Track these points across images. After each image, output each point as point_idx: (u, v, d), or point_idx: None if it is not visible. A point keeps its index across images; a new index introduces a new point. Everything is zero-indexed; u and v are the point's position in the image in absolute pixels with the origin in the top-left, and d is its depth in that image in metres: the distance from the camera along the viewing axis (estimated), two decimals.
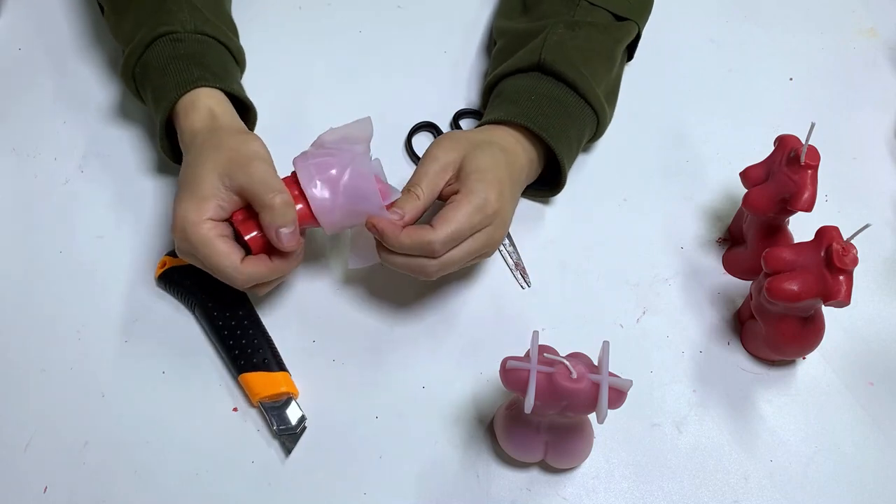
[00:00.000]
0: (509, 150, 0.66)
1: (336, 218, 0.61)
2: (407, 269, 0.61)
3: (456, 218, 0.59)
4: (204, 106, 0.65)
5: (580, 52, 0.70)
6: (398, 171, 0.75)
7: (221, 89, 0.67)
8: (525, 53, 0.71)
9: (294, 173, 0.62)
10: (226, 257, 0.59)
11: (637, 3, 0.76)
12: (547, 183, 0.73)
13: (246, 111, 0.71)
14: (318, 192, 0.61)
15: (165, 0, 0.69)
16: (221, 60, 0.70)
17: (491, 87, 0.73)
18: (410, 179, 0.63)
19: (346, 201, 0.61)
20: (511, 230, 0.72)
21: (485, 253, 0.63)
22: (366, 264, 0.65)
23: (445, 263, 0.60)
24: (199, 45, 0.69)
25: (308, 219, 0.61)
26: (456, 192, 0.61)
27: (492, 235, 0.62)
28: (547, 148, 0.68)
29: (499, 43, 0.77)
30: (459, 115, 0.79)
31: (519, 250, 0.72)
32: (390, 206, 0.61)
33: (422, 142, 0.78)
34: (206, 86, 0.66)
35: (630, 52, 0.78)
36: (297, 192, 0.61)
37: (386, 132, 0.77)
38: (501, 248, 0.72)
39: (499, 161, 0.63)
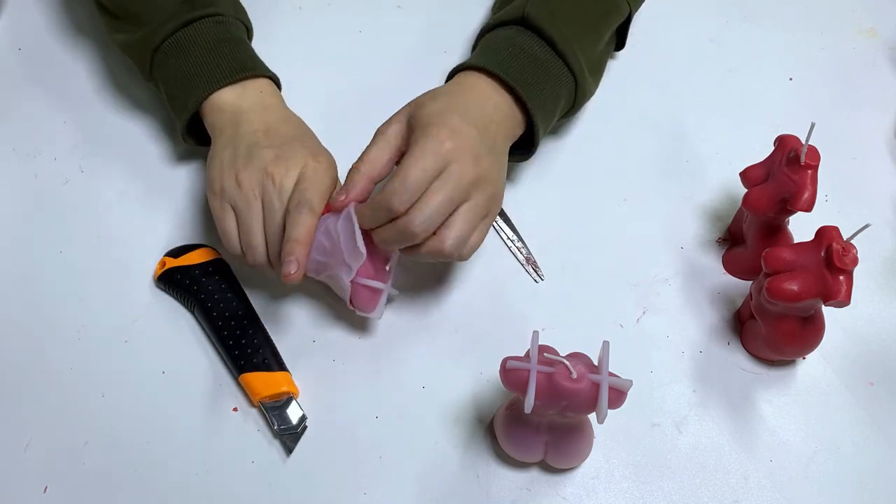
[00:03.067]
0: (473, 91, 0.64)
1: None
2: (395, 238, 0.59)
3: (402, 167, 0.58)
4: (276, 99, 0.69)
5: (565, 15, 0.68)
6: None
7: (274, 81, 0.71)
8: (511, 8, 0.70)
9: None
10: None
11: None
12: (521, 147, 0.69)
13: None
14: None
15: None
16: (247, 44, 0.72)
17: (474, 45, 0.72)
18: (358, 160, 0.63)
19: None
20: None
21: (469, 198, 0.59)
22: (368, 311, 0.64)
23: (424, 214, 0.57)
24: (240, 32, 0.71)
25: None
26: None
27: (463, 171, 0.58)
28: (523, 108, 0.66)
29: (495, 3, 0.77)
30: None
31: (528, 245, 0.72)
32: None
33: None
34: (264, 76, 0.69)
35: (621, 39, 0.77)
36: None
37: None
38: (510, 243, 0.72)
39: (448, 104, 0.61)
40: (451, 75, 0.68)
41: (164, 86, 0.69)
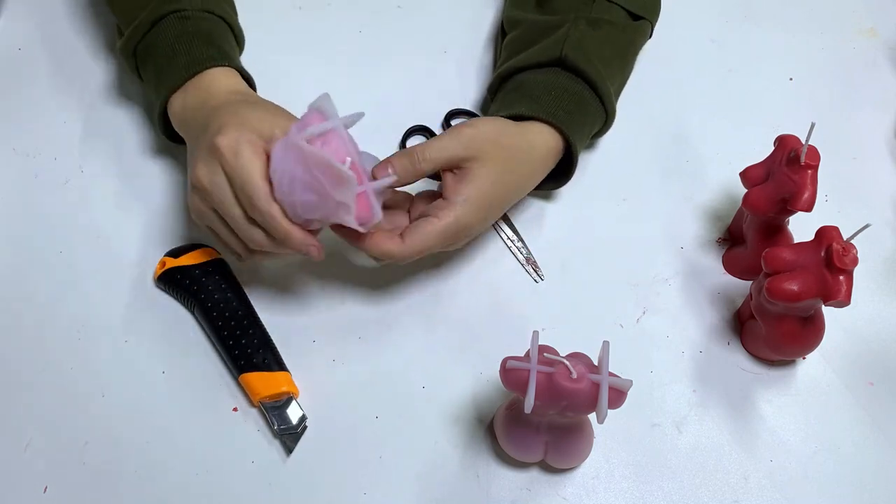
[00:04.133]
0: (536, 158, 0.66)
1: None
2: (376, 254, 0.61)
3: (427, 238, 0.60)
4: (224, 85, 0.66)
5: (599, 51, 0.70)
6: None
7: (235, 68, 0.68)
8: (545, 48, 0.70)
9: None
10: (264, 181, 0.57)
11: (650, 1, 0.76)
12: (551, 177, 0.71)
13: None
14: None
15: None
16: (227, 40, 0.70)
17: (503, 78, 0.72)
18: (424, 146, 0.61)
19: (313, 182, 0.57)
20: None
21: (456, 242, 0.64)
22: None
23: (413, 254, 0.61)
24: (206, 23, 0.69)
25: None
26: (449, 179, 0.62)
27: (472, 233, 0.63)
28: (566, 145, 0.68)
29: (512, 33, 0.76)
30: (451, 115, 0.79)
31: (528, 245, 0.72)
32: (383, 163, 0.60)
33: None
34: (218, 65, 0.66)
35: None
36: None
37: (385, 132, 0.77)
38: (510, 244, 0.72)
39: (499, 185, 0.63)
40: (512, 115, 0.67)
41: (146, 87, 0.70)
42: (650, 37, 0.78)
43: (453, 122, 0.79)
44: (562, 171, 0.71)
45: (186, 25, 0.68)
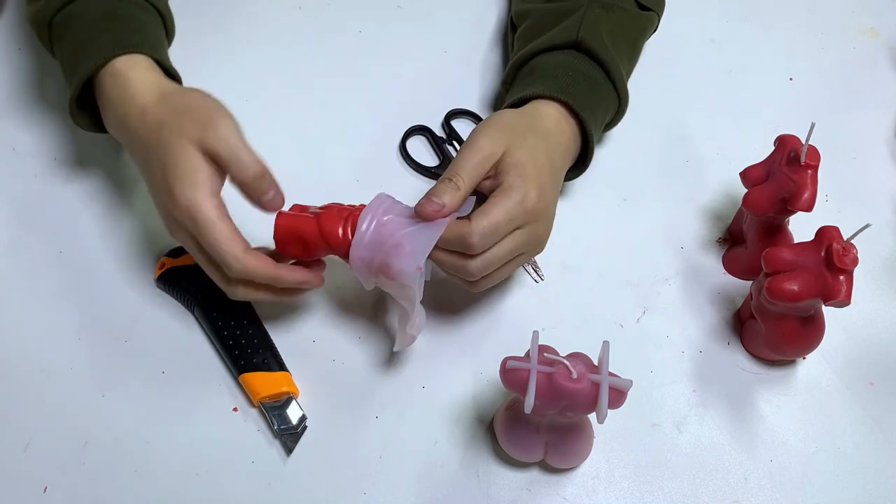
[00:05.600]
0: (552, 133, 0.64)
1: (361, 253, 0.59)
2: (449, 266, 0.60)
3: (493, 212, 0.57)
4: (145, 77, 0.62)
5: (612, 36, 0.70)
6: (393, 172, 0.76)
7: (158, 62, 0.64)
8: (561, 31, 0.70)
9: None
10: (230, 241, 0.57)
11: None
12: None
13: None
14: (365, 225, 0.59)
15: None
16: (157, 30, 0.68)
17: (519, 66, 0.72)
18: (450, 167, 0.60)
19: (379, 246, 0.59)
20: None
21: (530, 250, 0.62)
22: (411, 343, 0.63)
23: (487, 261, 0.58)
24: (138, 10, 0.66)
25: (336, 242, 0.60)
26: (495, 186, 0.60)
27: (535, 232, 0.60)
28: (582, 131, 0.67)
29: (523, 24, 0.76)
30: (451, 116, 0.79)
31: None
32: (426, 199, 0.59)
33: (415, 145, 0.78)
34: (144, 53, 0.63)
35: None
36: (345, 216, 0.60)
37: (385, 132, 0.77)
38: None
39: (539, 152, 0.61)
40: (523, 100, 0.67)
41: (60, 62, 0.66)
42: (656, 30, 0.78)
43: (453, 123, 0.79)
44: (579, 160, 0.70)
45: (107, 5, 0.64)
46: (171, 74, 0.66)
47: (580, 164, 0.70)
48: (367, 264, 0.59)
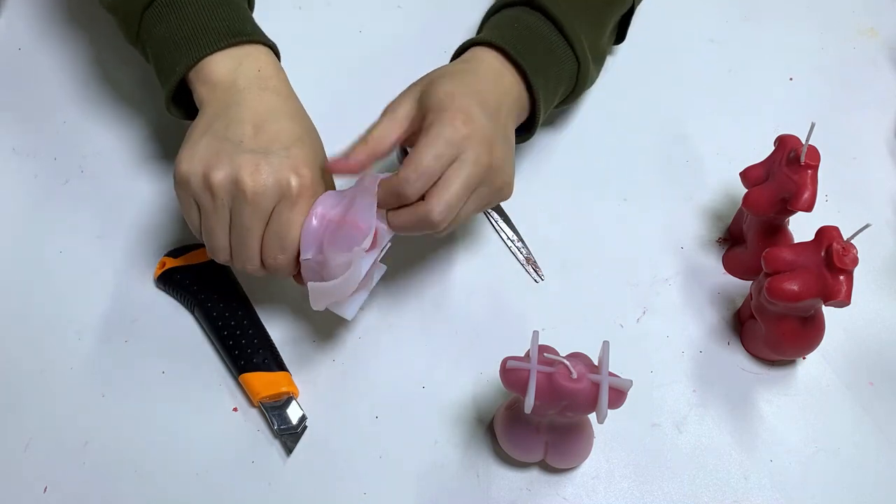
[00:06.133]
0: (484, 70, 0.62)
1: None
2: (411, 225, 0.57)
3: (417, 151, 0.55)
4: (274, 68, 0.64)
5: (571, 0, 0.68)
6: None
7: (273, 50, 0.65)
8: None
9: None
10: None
11: None
12: (519, 128, 0.66)
13: None
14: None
15: None
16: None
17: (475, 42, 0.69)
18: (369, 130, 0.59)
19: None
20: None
21: (487, 181, 0.58)
22: (329, 301, 0.60)
23: (446, 205, 0.55)
24: None
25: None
26: None
27: (478, 159, 0.56)
28: (528, 89, 0.64)
29: None
30: None
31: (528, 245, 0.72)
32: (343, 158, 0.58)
33: None
34: (262, 43, 0.64)
35: (622, 32, 0.77)
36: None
37: None
38: (510, 244, 0.72)
39: (462, 84, 0.59)
40: (460, 51, 0.66)
41: (152, 48, 0.64)
42: (632, 11, 0.75)
43: None
44: (526, 122, 0.67)
45: None
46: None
47: (527, 126, 0.67)
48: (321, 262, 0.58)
